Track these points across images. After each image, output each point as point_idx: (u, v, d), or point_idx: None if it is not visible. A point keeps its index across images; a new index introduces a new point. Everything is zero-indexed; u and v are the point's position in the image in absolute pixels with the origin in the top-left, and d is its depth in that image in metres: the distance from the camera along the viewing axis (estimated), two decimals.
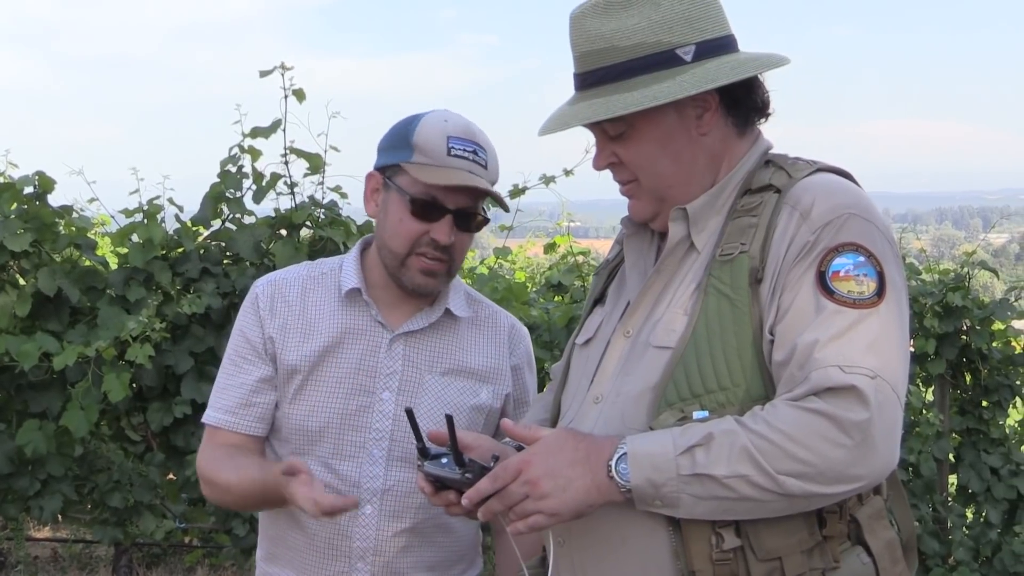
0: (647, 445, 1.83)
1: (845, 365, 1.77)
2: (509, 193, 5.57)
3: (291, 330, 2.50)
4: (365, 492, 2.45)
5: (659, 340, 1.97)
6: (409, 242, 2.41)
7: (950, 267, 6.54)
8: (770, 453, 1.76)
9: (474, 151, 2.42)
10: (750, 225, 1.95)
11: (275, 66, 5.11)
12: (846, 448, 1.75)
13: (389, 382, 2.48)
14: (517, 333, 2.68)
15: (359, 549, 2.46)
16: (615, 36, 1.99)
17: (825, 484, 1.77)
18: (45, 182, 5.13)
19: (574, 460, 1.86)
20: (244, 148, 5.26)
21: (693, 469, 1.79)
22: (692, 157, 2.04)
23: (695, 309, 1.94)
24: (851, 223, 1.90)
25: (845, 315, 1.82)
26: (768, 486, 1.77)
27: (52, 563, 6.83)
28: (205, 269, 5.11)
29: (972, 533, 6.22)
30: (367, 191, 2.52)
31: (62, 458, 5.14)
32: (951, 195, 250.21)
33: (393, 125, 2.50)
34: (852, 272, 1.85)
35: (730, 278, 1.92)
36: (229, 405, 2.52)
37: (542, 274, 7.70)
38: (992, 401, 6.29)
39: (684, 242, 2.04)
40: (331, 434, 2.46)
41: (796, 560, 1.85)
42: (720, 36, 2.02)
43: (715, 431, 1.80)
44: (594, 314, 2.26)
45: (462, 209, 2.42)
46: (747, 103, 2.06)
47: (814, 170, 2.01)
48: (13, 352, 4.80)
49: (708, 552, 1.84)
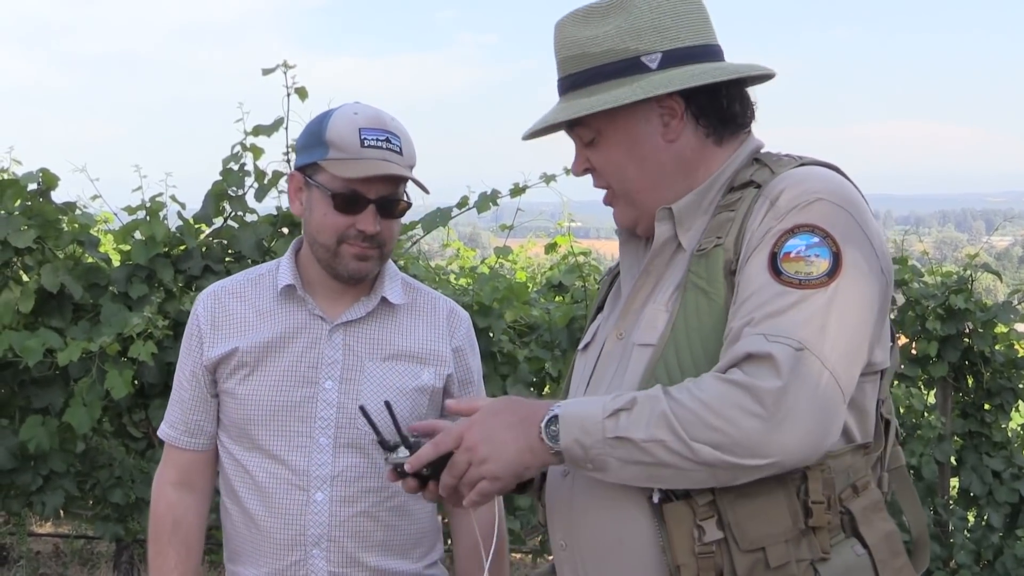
0: (578, 408, 1.87)
1: (770, 334, 1.77)
2: (510, 192, 5.57)
3: (233, 334, 2.58)
4: (315, 480, 2.51)
5: (642, 338, 2.00)
6: (336, 235, 2.48)
7: (953, 270, 6.53)
8: (686, 420, 1.77)
9: (387, 139, 2.47)
10: (728, 219, 1.97)
11: (277, 64, 5.12)
12: (759, 418, 1.74)
13: (331, 371, 2.55)
14: (456, 316, 2.73)
15: (313, 536, 2.51)
16: (588, 43, 2.04)
17: (739, 456, 1.76)
18: (49, 179, 5.13)
19: (510, 423, 1.91)
20: (246, 146, 5.26)
21: (616, 432, 1.81)
22: (659, 163, 2.06)
23: (675, 305, 1.96)
24: (816, 206, 1.88)
25: (788, 295, 1.81)
26: (684, 452, 1.77)
27: (54, 558, 6.84)
28: (207, 267, 5.11)
29: (974, 537, 6.22)
30: (290, 191, 2.59)
31: (64, 454, 5.14)
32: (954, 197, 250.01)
33: (307, 124, 2.57)
34: (804, 253, 1.84)
35: (706, 272, 1.94)
36: (174, 420, 2.68)
37: (543, 274, 7.71)
38: (994, 404, 6.28)
39: (671, 242, 2.05)
40: (277, 425, 2.53)
41: (779, 550, 1.84)
42: (692, 45, 2.03)
43: (640, 396, 1.82)
44: (595, 321, 2.29)
45: (383, 198, 2.48)
46: (715, 112, 2.05)
47: (798, 164, 2.02)
48: (17, 348, 4.79)
49: (690, 545, 1.85)
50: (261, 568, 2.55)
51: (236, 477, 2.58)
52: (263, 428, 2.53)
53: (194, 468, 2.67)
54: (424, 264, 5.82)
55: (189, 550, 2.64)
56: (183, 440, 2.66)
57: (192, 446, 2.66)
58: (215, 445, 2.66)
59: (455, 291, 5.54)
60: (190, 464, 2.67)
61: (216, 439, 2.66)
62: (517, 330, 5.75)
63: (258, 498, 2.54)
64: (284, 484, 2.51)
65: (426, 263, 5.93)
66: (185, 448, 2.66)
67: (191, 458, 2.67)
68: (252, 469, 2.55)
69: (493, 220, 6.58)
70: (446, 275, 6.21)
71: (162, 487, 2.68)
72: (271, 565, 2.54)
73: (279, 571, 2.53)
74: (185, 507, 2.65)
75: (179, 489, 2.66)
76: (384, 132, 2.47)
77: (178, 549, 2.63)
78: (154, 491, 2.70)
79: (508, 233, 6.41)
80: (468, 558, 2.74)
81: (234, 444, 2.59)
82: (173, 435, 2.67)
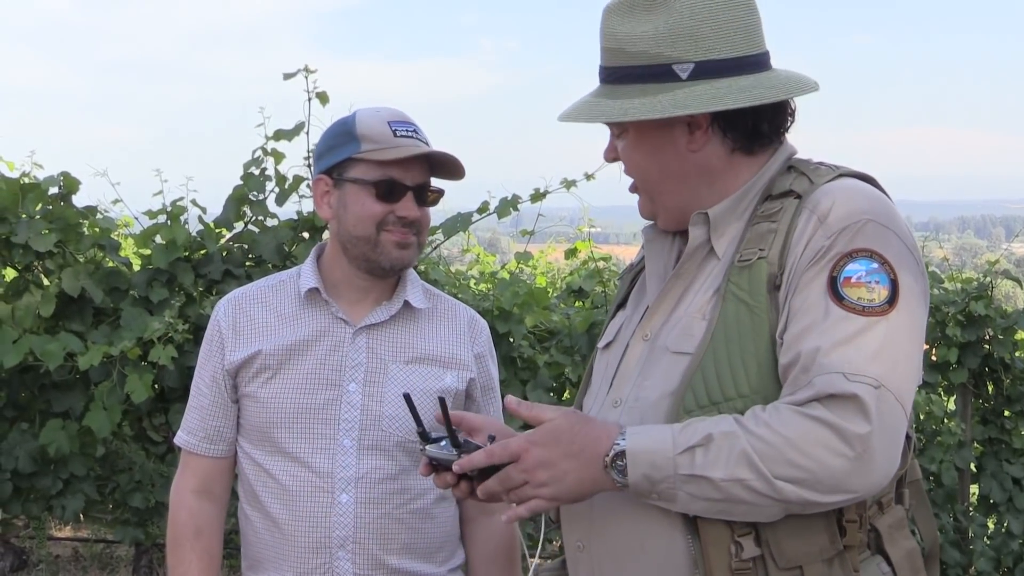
0: (646, 442, 1.83)
1: (849, 373, 1.76)
2: (530, 197, 5.57)
3: (255, 337, 2.59)
4: (339, 482, 2.52)
5: (677, 345, 1.97)
6: (375, 223, 2.50)
7: (973, 276, 6.51)
8: (769, 457, 1.75)
9: (415, 130, 2.54)
10: (769, 231, 1.95)
11: (299, 69, 5.12)
12: (846, 458, 1.73)
13: (355, 374, 2.55)
14: (476, 324, 2.75)
15: (339, 539, 2.51)
16: (625, 40, 2.02)
17: (821, 493, 1.76)
18: (70, 183, 5.15)
19: (569, 453, 1.88)
20: (267, 151, 5.27)
21: (691, 470, 1.79)
22: (682, 170, 2.05)
23: (713, 315, 1.93)
24: (867, 228, 1.87)
25: (853, 321, 1.80)
26: (764, 491, 1.76)
27: (73, 562, 6.86)
28: (228, 271, 5.12)
29: (994, 543, 6.19)
30: (317, 197, 2.60)
31: (84, 458, 5.15)
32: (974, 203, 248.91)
33: (325, 132, 2.62)
34: (864, 279, 1.83)
35: (748, 284, 1.92)
36: (192, 427, 2.68)
37: (563, 279, 7.71)
38: (1014, 411, 6.27)
39: (704, 247, 2.04)
40: (300, 428, 2.54)
41: (817, 569, 1.84)
42: (728, 58, 1.99)
43: (715, 432, 1.79)
44: (616, 318, 2.27)
45: (419, 184, 2.53)
46: (743, 127, 2.03)
47: (836, 175, 2.00)
48: (37, 352, 4.81)
49: (728, 561, 1.84)
50: (285, 573, 2.55)
51: (258, 482, 2.58)
52: (286, 431, 2.54)
53: (214, 475, 2.67)
54: (444, 269, 5.82)
55: (212, 558, 2.65)
56: (202, 447, 2.66)
57: (211, 452, 2.66)
58: (234, 452, 2.67)
59: (475, 296, 5.54)
60: (210, 471, 2.67)
61: (235, 446, 2.66)
62: (537, 335, 5.75)
63: (281, 502, 2.54)
64: (308, 487, 2.51)
65: (446, 268, 5.94)
66: (204, 455, 2.66)
67: (211, 465, 2.67)
68: (275, 473, 2.55)
69: (513, 225, 6.57)
70: (466, 280, 6.21)
71: (182, 495, 2.67)
72: (296, 569, 2.53)
73: (304, 574, 2.52)
74: (206, 515, 2.65)
75: (200, 497, 2.66)
76: (411, 124, 2.54)
77: (201, 557, 2.63)
78: (173, 498, 2.69)
79: (528, 238, 6.41)
80: (483, 566, 2.74)
81: (255, 449, 2.59)
82: (192, 442, 2.67)
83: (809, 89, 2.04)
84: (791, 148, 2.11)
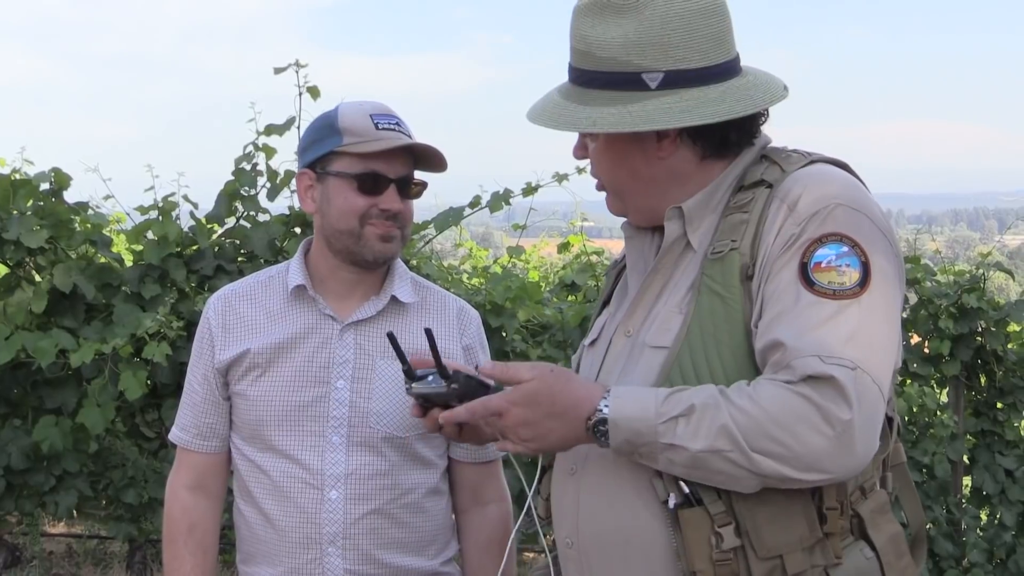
0: (628, 409, 1.84)
1: (824, 355, 1.76)
2: (522, 192, 5.57)
3: (244, 336, 2.60)
4: (329, 478, 2.53)
5: (655, 340, 1.99)
6: (358, 217, 2.50)
7: (965, 268, 6.52)
8: (749, 430, 1.76)
9: (397, 123, 2.53)
10: (741, 221, 1.95)
11: (289, 63, 5.12)
12: (826, 438, 1.74)
13: (343, 371, 2.56)
14: (466, 315, 2.75)
15: (328, 535, 2.52)
16: (595, 44, 2.00)
17: (798, 470, 1.76)
18: (61, 179, 5.15)
19: (551, 413, 1.90)
20: (259, 146, 5.27)
21: (672, 439, 1.80)
22: (650, 175, 2.06)
23: (689, 308, 1.95)
24: (837, 213, 1.88)
25: (824, 306, 1.81)
26: (742, 463, 1.77)
27: (67, 558, 6.85)
28: (220, 266, 5.12)
29: (986, 535, 6.20)
30: (300, 191, 2.61)
31: (77, 454, 5.16)
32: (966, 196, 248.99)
33: (309, 126, 2.62)
34: (834, 262, 1.84)
35: (722, 276, 1.93)
36: (186, 424, 2.69)
37: (555, 273, 7.71)
38: (1007, 403, 6.27)
39: (680, 241, 2.04)
40: (290, 426, 2.55)
41: (797, 558, 1.85)
42: (698, 67, 1.97)
43: (697, 402, 1.80)
44: (601, 316, 2.28)
45: (402, 177, 2.52)
46: (712, 137, 2.02)
47: (808, 162, 2.00)
48: (29, 348, 4.81)
49: (708, 552, 1.85)
50: (277, 567, 2.56)
51: (251, 478, 2.59)
52: (276, 429, 2.55)
53: (208, 471, 2.68)
54: (437, 264, 5.82)
55: (206, 553, 2.65)
56: (195, 443, 2.66)
57: (205, 448, 2.66)
58: (228, 448, 2.67)
59: (467, 291, 5.54)
60: (204, 467, 2.67)
61: (229, 441, 2.67)
62: (530, 329, 5.75)
63: (273, 498, 2.55)
64: (298, 483, 2.52)
65: (439, 263, 5.93)
66: (198, 451, 2.67)
67: (204, 460, 2.67)
68: (267, 469, 2.56)
69: (506, 220, 6.58)
70: (458, 275, 6.21)
71: (176, 490, 2.68)
72: (287, 564, 2.54)
73: (295, 569, 2.54)
74: (201, 510, 2.66)
75: (194, 492, 2.66)
76: (394, 117, 2.54)
77: (195, 552, 2.63)
78: (168, 494, 2.70)
79: (521, 232, 6.41)
80: (477, 555, 2.75)
81: (247, 445, 2.60)
82: (185, 438, 2.68)
83: (778, 98, 2.04)
84: (765, 139, 2.11)
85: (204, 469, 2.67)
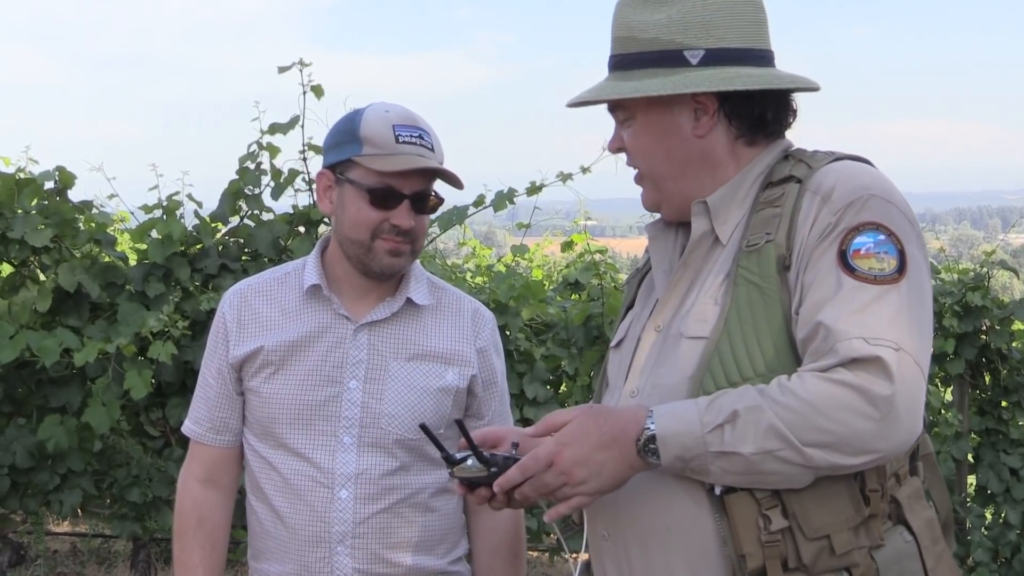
0: (674, 424, 1.87)
1: (869, 337, 1.80)
2: (526, 190, 5.58)
3: (258, 332, 2.61)
4: (339, 478, 2.53)
5: (692, 331, 2.00)
6: (370, 230, 2.49)
7: (969, 267, 6.52)
8: (796, 425, 1.79)
9: (420, 136, 2.50)
10: (774, 215, 1.99)
11: (293, 62, 5.13)
12: (872, 420, 1.77)
13: (356, 371, 2.56)
14: (481, 317, 2.73)
15: (338, 534, 2.53)
16: (637, 27, 2.07)
17: (849, 455, 1.80)
18: (65, 177, 5.15)
19: (601, 444, 1.91)
20: (263, 145, 5.27)
21: (721, 447, 1.83)
22: (685, 155, 2.09)
23: (726, 299, 1.97)
24: (872, 203, 1.93)
25: (866, 291, 1.85)
26: (794, 459, 1.80)
27: (71, 557, 6.86)
28: (224, 265, 5.12)
29: (991, 534, 6.20)
30: (319, 190, 2.60)
31: (82, 453, 5.16)
32: (970, 195, 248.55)
33: (335, 123, 2.59)
34: (873, 250, 1.88)
35: (758, 267, 1.96)
36: (199, 417, 2.69)
37: (559, 272, 7.71)
38: (1012, 402, 6.27)
39: (708, 235, 2.07)
40: (302, 424, 2.55)
41: (844, 537, 1.88)
42: (738, 47, 2.05)
43: (740, 407, 1.83)
44: (626, 318, 2.30)
45: (417, 193, 2.50)
46: (748, 116, 2.08)
47: (833, 159, 2.05)
48: (34, 347, 4.81)
49: (756, 535, 1.87)
50: (287, 565, 2.57)
51: (262, 474, 2.60)
52: (288, 427, 2.55)
53: (220, 464, 2.68)
54: (440, 262, 5.82)
55: (214, 546, 2.66)
56: (208, 437, 2.67)
57: (217, 442, 2.67)
58: (240, 442, 2.68)
59: (471, 289, 5.54)
60: (216, 460, 2.68)
61: (241, 436, 2.67)
62: (534, 328, 5.75)
63: (284, 495, 2.56)
64: (309, 482, 2.53)
65: (442, 261, 5.94)
66: (211, 444, 2.67)
67: (217, 454, 2.68)
68: (278, 466, 2.56)
69: (509, 218, 6.58)
70: (462, 273, 6.21)
71: (188, 483, 2.69)
72: (297, 561, 2.55)
73: (305, 567, 2.54)
74: (211, 504, 2.67)
75: (205, 485, 2.67)
76: (417, 129, 2.51)
77: (203, 545, 2.64)
78: (179, 487, 2.71)
79: (524, 231, 6.40)
80: (487, 557, 2.75)
81: (259, 442, 2.61)
82: (198, 431, 2.68)
83: (813, 87, 2.11)
84: (787, 141, 2.16)
85: (216, 463, 2.68)
